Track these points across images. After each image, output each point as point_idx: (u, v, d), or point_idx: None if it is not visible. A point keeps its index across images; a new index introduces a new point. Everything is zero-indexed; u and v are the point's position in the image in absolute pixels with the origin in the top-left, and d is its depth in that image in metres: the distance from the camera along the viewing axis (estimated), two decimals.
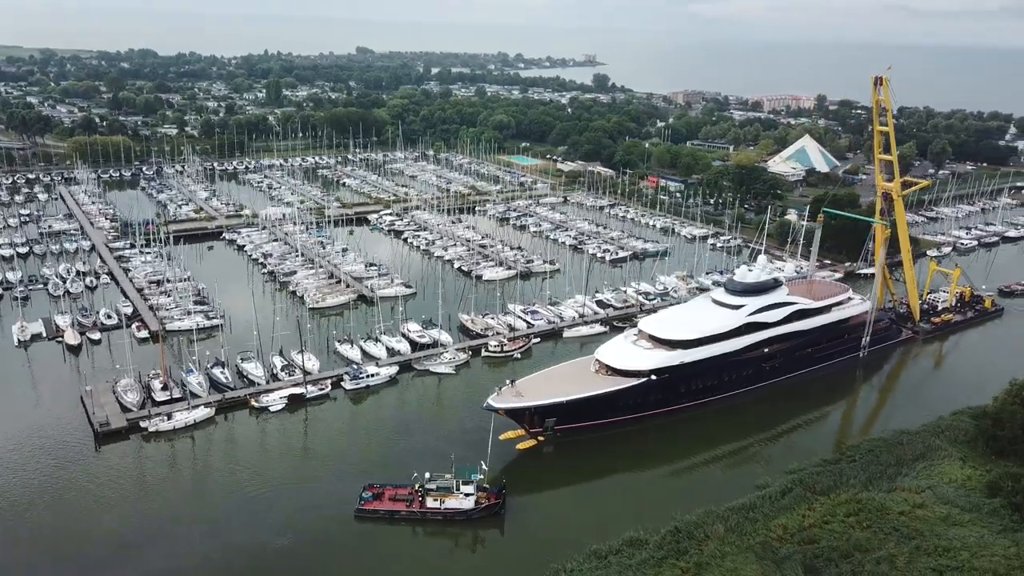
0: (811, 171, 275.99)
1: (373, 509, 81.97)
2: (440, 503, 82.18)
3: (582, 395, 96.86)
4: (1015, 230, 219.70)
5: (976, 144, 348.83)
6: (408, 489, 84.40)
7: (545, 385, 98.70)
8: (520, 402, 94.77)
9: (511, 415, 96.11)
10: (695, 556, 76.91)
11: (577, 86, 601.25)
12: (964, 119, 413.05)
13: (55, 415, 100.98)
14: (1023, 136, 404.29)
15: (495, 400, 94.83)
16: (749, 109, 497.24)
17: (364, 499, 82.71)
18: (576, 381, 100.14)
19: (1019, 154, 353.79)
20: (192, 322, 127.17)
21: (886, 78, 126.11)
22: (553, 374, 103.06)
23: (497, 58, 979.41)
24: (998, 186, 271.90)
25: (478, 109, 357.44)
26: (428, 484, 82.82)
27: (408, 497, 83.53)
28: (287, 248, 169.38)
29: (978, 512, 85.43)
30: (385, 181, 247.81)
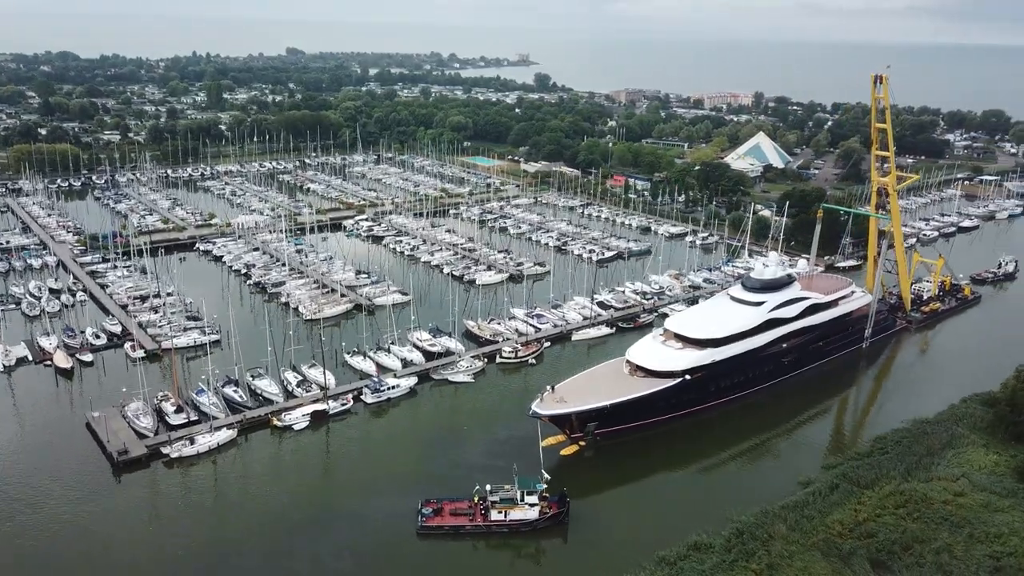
0: (768, 167, 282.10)
1: (437, 525, 79.58)
2: (504, 515, 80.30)
3: (623, 398, 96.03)
4: (969, 220, 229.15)
5: (914, 138, 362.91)
6: (467, 502, 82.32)
7: (583, 389, 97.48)
8: (564, 408, 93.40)
9: (554, 421, 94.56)
10: (764, 558, 76.86)
11: (519, 86, 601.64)
12: (898, 114, 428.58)
13: (62, 444, 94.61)
14: (951, 130, 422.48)
15: (540, 407, 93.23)
16: (691, 107, 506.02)
17: (425, 515, 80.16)
18: (613, 384, 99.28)
19: (951, 146, 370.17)
20: (189, 339, 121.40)
21: (886, 76, 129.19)
22: (588, 378, 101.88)
23: (431, 58, 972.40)
24: (944, 178, 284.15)
25: (431, 110, 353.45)
26: (491, 496, 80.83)
27: (469, 511, 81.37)
28: (269, 258, 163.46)
29: (1015, 498, 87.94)
30: (350, 185, 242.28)
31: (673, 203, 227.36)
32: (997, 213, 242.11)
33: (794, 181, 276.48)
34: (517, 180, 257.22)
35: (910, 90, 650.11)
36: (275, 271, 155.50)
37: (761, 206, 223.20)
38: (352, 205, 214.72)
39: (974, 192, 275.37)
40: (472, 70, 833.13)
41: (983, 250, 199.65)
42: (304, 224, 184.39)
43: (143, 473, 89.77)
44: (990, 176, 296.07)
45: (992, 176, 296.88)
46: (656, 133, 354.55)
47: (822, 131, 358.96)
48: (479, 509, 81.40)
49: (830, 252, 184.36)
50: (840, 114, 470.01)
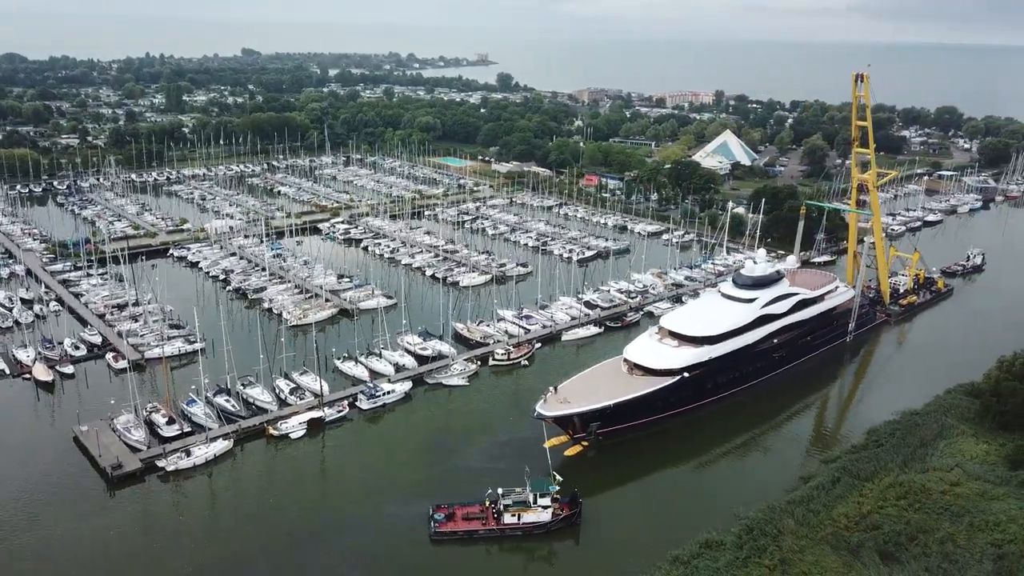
0: (736, 164, 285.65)
1: (450, 531, 78.89)
2: (518, 518, 79.92)
3: (625, 398, 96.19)
4: (933, 215, 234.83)
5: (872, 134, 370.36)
6: (479, 507, 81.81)
7: (584, 389, 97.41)
8: (568, 408, 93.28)
9: (557, 422, 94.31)
10: (776, 553, 77.52)
11: (481, 86, 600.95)
12: None
13: (51, 460, 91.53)
14: (907, 127, 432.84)
15: (544, 408, 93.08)
16: (654, 105, 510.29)
17: (437, 521, 79.46)
18: (613, 383, 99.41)
19: (908, 143, 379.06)
20: (173, 348, 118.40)
21: (867, 75, 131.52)
22: (589, 377, 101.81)
23: (390, 58, 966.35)
24: (906, 173, 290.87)
25: (398, 111, 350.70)
26: (503, 500, 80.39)
27: (481, 515, 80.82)
28: (248, 263, 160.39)
29: (1009, 486, 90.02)
30: (322, 188, 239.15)
31: (646, 202, 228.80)
32: (959, 207, 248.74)
33: (762, 178, 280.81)
34: (490, 181, 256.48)
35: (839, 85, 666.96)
36: (255, 276, 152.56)
37: (733, 203, 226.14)
38: (326, 208, 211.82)
39: (935, 187, 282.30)
40: (432, 70, 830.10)
41: (947, 244, 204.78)
42: (279, 228, 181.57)
43: (139, 488, 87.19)
44: (948, 172, 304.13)
45: (950, 172, 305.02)
46: (623, 132, 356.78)
47: (784, 128, 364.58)
48: (491, 513, 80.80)
49: (804, 248, 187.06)
50: (799, 111, 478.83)
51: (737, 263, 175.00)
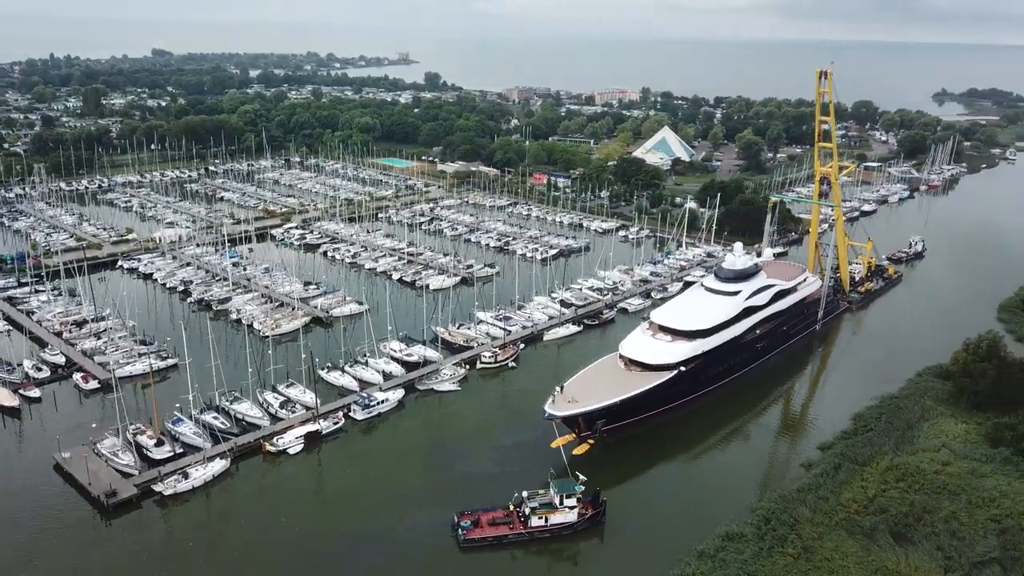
0: (677, 160, 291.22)
1: (480, 537, 77.93)
2: (545, 520, 79.48)
3: (629, 394, 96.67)
4: (868, 205, 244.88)
5: (799, 129, 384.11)
6: (503, 511, 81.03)
7: (588, 388, 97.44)
8: (577, 408, 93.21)
9: (565, 421, 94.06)
10: (796, 542, 79.38)
11: (409, 85, 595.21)
12: (780, 106, 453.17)
13: (35, 491, 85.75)
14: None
15: (554, 408, 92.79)
16: (583, 103, 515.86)
17: (465, 528, 78.36)
18: (614, 380, 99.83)
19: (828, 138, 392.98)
20: (144, 365, 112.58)
21: (830, 72, 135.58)
22: (589, 376, 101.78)
23: (309, 58, 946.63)
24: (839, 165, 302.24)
25: (333, 112, 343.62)
26: (529, 503, 79.95)
27: (506, 519, 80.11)
28: (206, 273, 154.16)
29: (994, 463, 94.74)
30: (268, 192, 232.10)
31: (596, 199, 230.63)
32: (889, 197, 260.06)
33: (701, 173, 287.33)
34: (438, 181, 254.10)
35: (767, 82, 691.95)
36: (216, 287, 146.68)
37: (681, 199, 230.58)
38: (275, 213, 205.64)
39: (868, 178, 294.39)
40: (354, 70, 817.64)
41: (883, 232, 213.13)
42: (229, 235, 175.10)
43: (136, 515, 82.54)
44: (873, 163, 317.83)
45: (875, 163, 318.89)
46: (561, 130, 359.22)
47: (716, 125, 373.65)
48: (517, 516, 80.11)
49: (758, 240, 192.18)
50: (725, 107, 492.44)
51: (696, 257, 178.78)
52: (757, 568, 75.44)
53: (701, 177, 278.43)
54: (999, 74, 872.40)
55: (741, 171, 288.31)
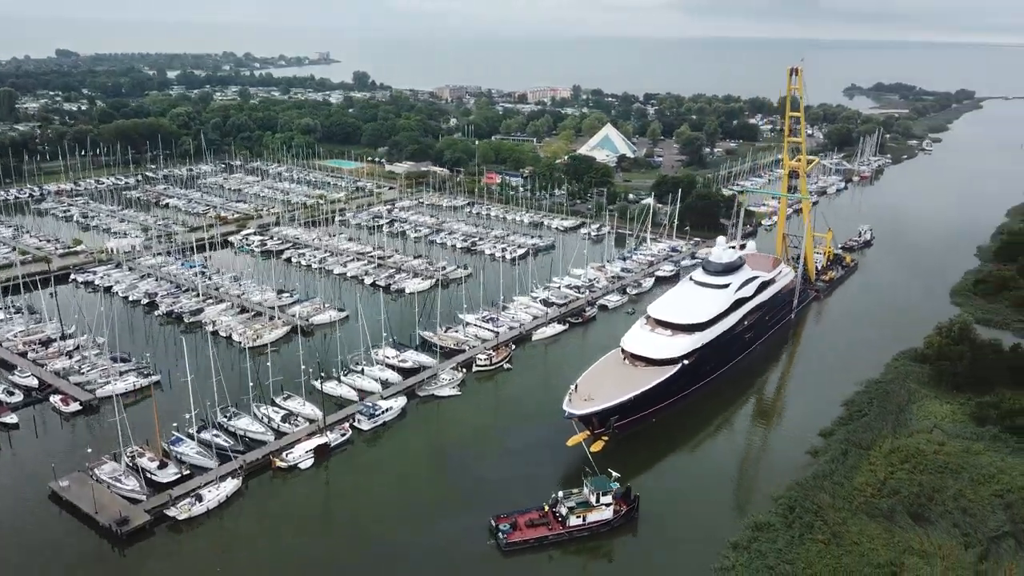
0: (622, 157, 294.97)
1: (522, 540, 77.65)
2: (583, 519, 79.66)
3: (640, 390, 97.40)
4: (812, 196, 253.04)
5: (730, 124, 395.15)
6: (538, 512, 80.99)
7: (598, 385, 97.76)
8: (594, 406, 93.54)
9: (583, 419, 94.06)
10: (824, 528, 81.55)
11: (337, 85, 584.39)
12: (711, 102, 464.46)
13: (35, 523, 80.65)
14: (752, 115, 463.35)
15: (571, 407, 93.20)
16: (516, 102, 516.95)
17: (504, 531, 77.94)
18: (622, 377, 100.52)
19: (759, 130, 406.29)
20: (127, 384, 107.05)
21: (800, 68, 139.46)
22: (598, 373, 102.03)
23: (226, 58, 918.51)
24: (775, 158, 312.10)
25: (270, 113, 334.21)
26: (566, 502, 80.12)
27: (543, 520, 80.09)
28: (170, 284, 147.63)
29: (984, 441, 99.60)
30: (215, 198, 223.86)
31: (552, 198, 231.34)
32: (828, 189, 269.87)
33: (646, 169, 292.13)
34: (388, 182, 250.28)
35: (686, 79, 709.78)
36: (185, 298, 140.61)
37: (634, 195, 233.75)
38: (227, 219, 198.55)
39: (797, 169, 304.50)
40: (275, 69, 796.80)
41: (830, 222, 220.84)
42: (186, 243, 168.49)
43: (152, 542, 78.38)
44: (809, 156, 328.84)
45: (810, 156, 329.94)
46: (503, 129, 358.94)
47: (653, 121, 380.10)
48: (553, 517, 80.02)
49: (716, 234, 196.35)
50: (655, 104, 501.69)
51: (662, 252, 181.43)
52: (793, 556, 77.16)
53: (647, 173, 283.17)
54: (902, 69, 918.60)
55: (684, 166, 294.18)
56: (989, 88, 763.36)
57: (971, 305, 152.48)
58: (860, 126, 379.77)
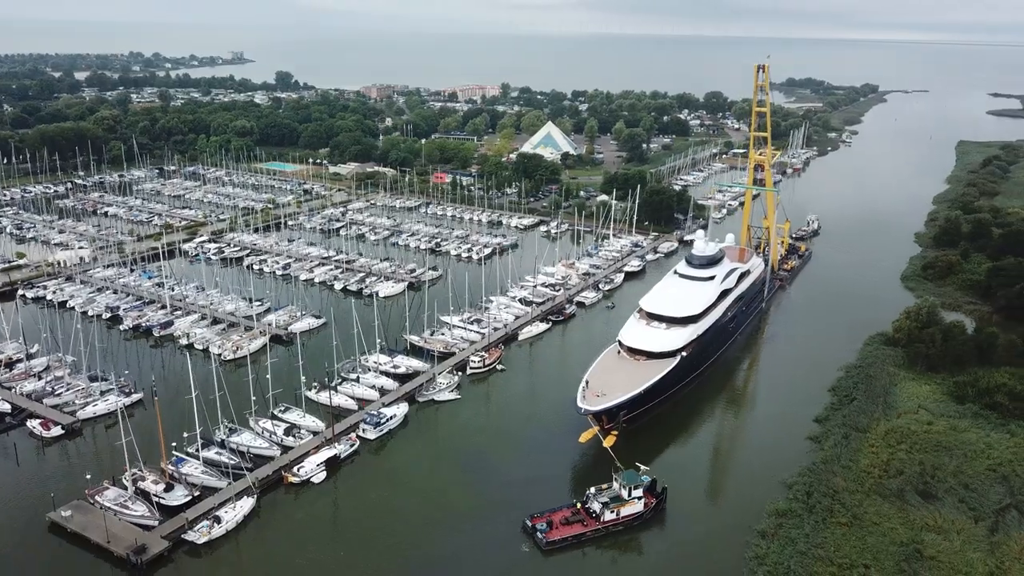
0: (566, 155, 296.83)
1: (561, 538, 77.79)
2: (617, 514, 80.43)
3: (647, 384, 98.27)
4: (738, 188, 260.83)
5: (662, 119, 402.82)
6: (569, 510, 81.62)
7: (606, 381, 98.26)
8: (608, 401, 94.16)
9: (596, 415, 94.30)
10: (842, 511, 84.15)
11: (259, 85, 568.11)
12: (640, 99, 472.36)
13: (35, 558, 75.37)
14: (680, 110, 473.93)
15: (585, 403, 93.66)
16: (446, 100, 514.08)
17: (542, 531, 77.95)
18: (625, 371, 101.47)
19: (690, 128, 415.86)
20: (108, 403, 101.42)
21: (767, 65, 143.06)
22: (603, 369, 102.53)
23: (134, 58, 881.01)
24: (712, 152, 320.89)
25: (200, 116, 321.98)
26: (599, 498, 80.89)
27: (577, 517, 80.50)
28: (133, 297, 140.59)
29: (966, 418, 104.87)
30: (157, 205, 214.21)
31: (504, 196, 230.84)
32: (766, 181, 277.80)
33: (590, 166, 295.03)
34: (334, 184, 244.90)
35: (602, 75, 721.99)
36: (150, 311, 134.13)
37: (585, 192, 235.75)
38: (172, 227, 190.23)
39: (734, 163, 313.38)
40: (187, 69, 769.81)
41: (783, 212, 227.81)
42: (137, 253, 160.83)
43: (172, 571, 74.43)
44: (739, 149, 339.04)
45: (741, 149, 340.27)
46: (442, 127, 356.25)
47: (589, 118, 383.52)
48: (586, 513, 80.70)
49: (671, 228, 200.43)
50: (584, 100, 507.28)
51: (624, 248, 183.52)
52: (820, 540, 79.34)
53: (591, 170, 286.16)
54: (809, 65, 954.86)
55: (625, 162, 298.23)
56: (890, 82, 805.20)
57: (923, 289, 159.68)
58: (786, 120, 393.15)
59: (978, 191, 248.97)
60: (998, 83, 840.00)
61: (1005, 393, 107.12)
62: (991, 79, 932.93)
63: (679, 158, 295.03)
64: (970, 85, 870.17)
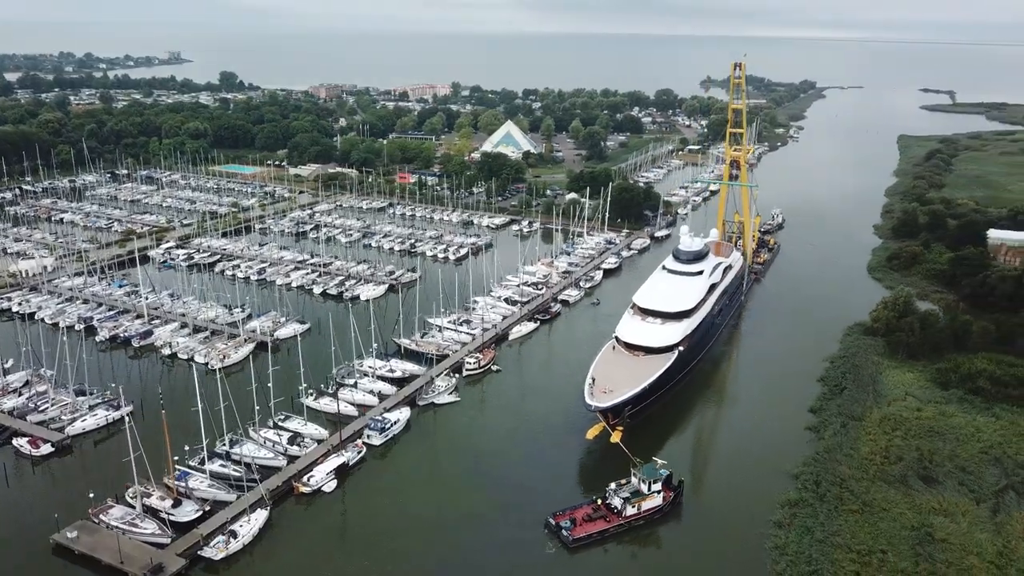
0: (527, 153, 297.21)
1: (586, 535, 78.22)
2: (638, 508, 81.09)
3: (651, 379, 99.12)
4: (715, 184, 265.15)
5: (614, 117, 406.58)
6: (590, 506, 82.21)
7: (610, 378, 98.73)
8: (615, 398, 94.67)
9: (603, 412, 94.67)
10: (851, 499, 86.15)
11: (203, 86, 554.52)
12: (593, 96, 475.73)
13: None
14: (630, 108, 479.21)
15: (594, 400, 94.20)
16: (398, 99, 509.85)
17: (567, 528, 78.32)
18: (627, 367, 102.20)
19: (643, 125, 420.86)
20: (99, 419, 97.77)
21: (743, 63, 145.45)
22: (605, 365, 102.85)
23: (65, 59, 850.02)
24: (668, 149, 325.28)
25: (148, 118, 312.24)
26: (619, 493, 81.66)
27: (599, 513, 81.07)
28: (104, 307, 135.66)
29: (952, 403, 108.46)
30: (117, 211, 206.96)
31: (471, 195, 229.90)
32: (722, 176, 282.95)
33: (551, 165, 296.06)
34: (296, 186, 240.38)
35: (547, 73, 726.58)
36: (126, 320, 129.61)
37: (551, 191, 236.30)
38: (134, 232, 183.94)
39: (690, 159, 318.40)
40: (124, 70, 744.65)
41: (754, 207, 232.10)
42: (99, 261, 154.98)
43: None
44: (695, 146, 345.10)
45: (696, 145, 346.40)
46: (399, 127, 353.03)
47: (545, 117, 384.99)
48: (607, 508, 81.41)
49: (641, 225, 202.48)
50: (534, 99, 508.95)
51: (599, 245, 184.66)
52: (836, 528, 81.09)
53: (553, 168, 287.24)
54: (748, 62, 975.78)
55: (584, 160, 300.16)
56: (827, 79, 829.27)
57: (890, 279, 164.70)
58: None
59: (927, 183, 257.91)
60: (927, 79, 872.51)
61: (987, 378, 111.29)
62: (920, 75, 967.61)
63: (638, 155, 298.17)
64: (901, 81, 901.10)
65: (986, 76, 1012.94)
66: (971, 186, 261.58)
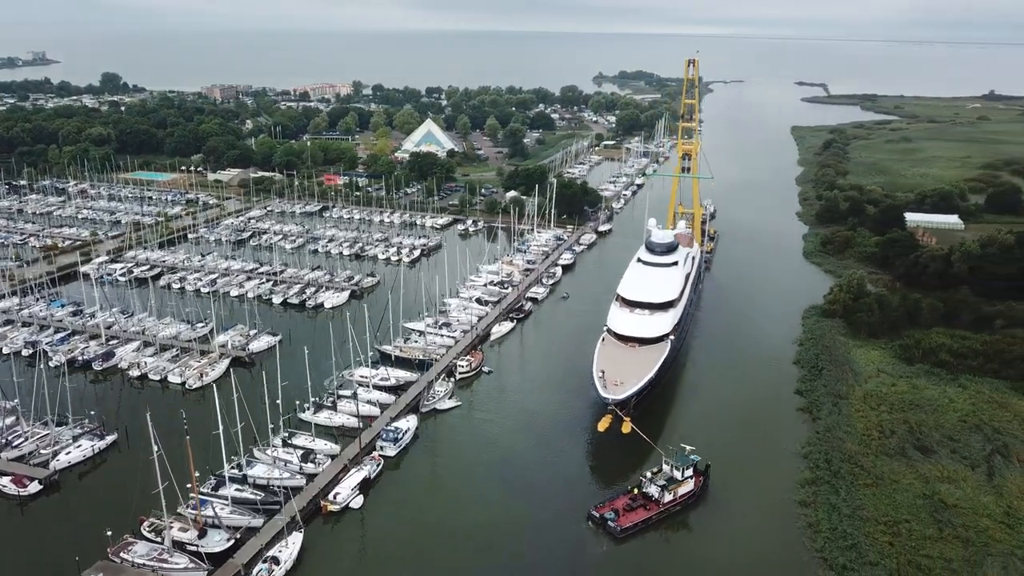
0: (452, 152, 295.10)
1: (631, 524, 79.46)
2: (674, 494, 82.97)
3: (656, 368, 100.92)
4: (640, 178, 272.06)
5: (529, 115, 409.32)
6: (627, 496, 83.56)
7: (617, 370, 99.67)
8: (626, 389, 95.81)
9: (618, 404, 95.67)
10: (863, 474, 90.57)
11: (85, 88, 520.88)
12: (500, 94, 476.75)
13: None
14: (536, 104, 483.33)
15: (607, 393, 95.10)
16: (298, 99, 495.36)
17: (612, 519, 79.58)
18: (631, 359, 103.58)
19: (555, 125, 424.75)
20: (87, 449, 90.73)
21: (697, 60, 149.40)
22: (607, 358, 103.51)
23: None
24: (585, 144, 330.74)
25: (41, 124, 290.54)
26: (656, 481, 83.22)
27: (637, 502, 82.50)
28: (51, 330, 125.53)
29: (920, 377, 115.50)
30: (26, 225, 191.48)
31: (406, 196, 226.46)
32: (646, 170, 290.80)
33: (477, 163, 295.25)
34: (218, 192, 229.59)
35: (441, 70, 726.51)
36: (79, 341, 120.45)
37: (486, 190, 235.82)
38: (57, 248, 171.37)
39: (608, 155, 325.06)
40: None
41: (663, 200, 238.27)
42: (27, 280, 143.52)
43: None
44: (610, 141, 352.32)
45: (611, 141, 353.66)
46: (312, 128, 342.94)
47: (462, 115, 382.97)
48: (644, 497, 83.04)
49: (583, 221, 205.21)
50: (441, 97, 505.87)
51: (550, 242, 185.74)
52: (859, 503, 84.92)
53: (479, 167, 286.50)
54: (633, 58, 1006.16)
55: (507, 158, 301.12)
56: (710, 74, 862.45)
57: (827, 264, 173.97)
58: (645, 111, 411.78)
59: (833, 171, 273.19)
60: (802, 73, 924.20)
61: (947, 351, 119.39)
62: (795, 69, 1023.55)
63: (558, 152, 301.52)
64: (778, 75, 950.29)
65: (851, 70, 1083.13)
66: (870, 172, 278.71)
